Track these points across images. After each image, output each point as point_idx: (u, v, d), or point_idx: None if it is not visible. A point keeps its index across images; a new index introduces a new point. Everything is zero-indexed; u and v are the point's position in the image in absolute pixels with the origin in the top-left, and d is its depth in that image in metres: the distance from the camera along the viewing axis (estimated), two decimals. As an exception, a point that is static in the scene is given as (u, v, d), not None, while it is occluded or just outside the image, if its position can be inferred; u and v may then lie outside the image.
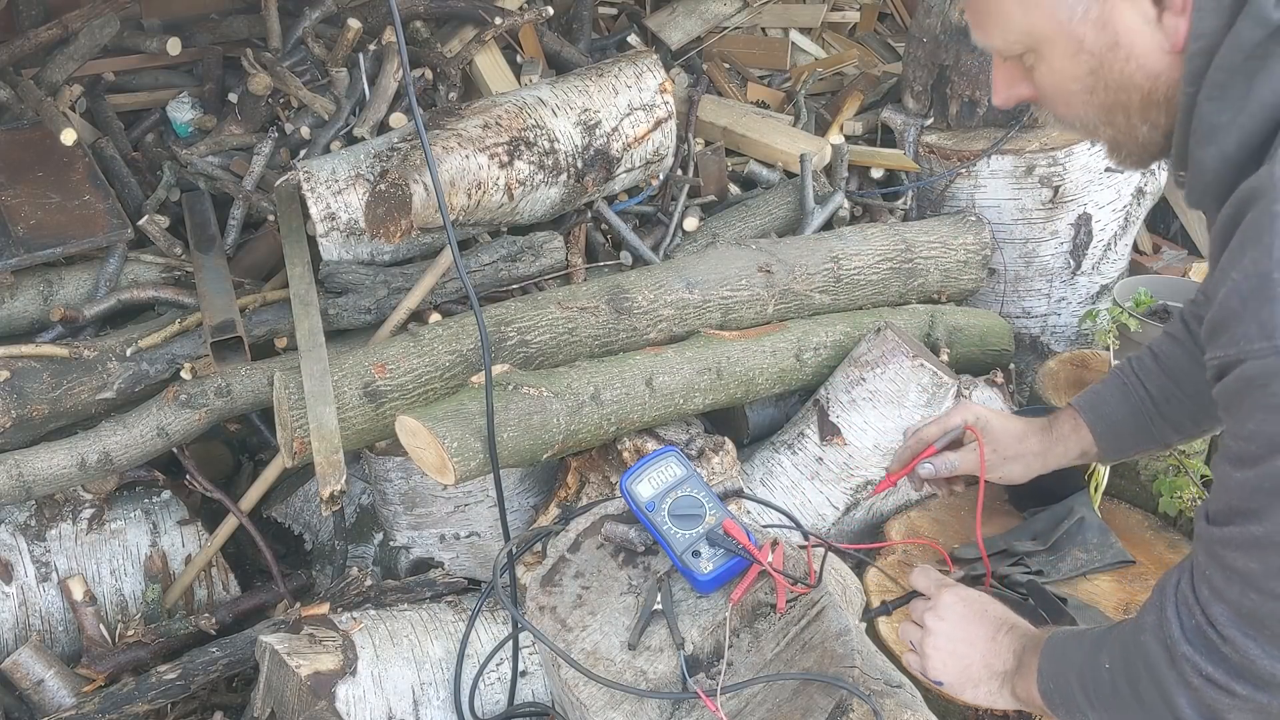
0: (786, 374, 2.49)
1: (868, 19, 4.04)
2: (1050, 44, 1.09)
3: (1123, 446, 1.58)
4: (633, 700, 1.47)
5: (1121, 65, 1.07)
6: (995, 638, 1.32)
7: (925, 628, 1.36)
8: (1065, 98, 1.13)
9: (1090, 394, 1.59)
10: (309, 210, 2.52)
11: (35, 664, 2.17)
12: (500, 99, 2.72)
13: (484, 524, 2.39)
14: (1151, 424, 1.54)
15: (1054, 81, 1.12)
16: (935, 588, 1.39)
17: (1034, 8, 1.07)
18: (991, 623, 1.34)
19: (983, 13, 1.12)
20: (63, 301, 2.55)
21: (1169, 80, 1.06)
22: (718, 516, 1.60)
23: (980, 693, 1.33)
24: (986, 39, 1.15)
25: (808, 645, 1.55)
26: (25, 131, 2.81)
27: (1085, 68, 1.08)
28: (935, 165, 3.08)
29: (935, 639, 1.35)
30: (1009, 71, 1.17)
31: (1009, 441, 1.57)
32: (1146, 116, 1.10)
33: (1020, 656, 1.30)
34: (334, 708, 1.90)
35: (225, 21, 3.21)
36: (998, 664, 1.31)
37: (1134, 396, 1.54)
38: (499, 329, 2.30)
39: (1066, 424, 1.58)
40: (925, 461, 1.57)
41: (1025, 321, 3.15)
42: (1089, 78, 1.09)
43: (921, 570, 1.43)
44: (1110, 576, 2.26)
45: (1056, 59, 1.09)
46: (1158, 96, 1.08)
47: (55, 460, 2.28)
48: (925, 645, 1.36)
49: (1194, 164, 1.06)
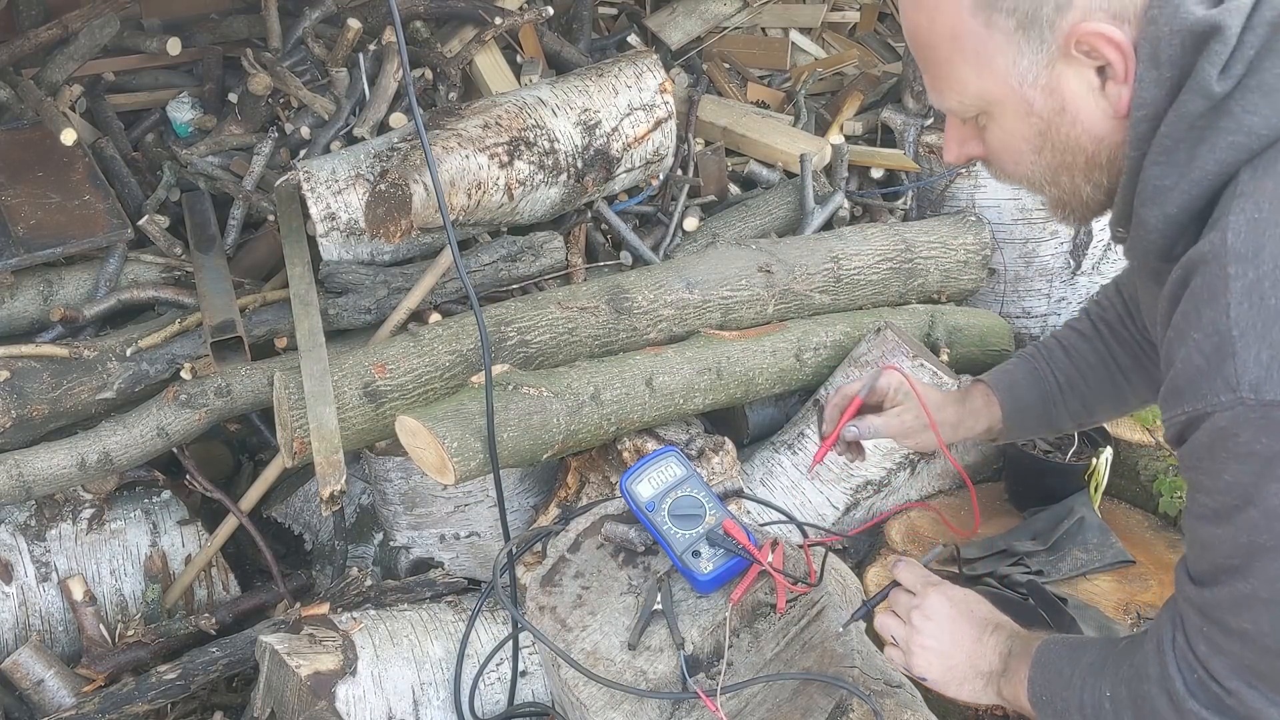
0: (786, 374, 2.49)
1: (868, 19, 4.04)
2: (1001, 107, 1.14)
3: (1025, 428, 1.64)
4: (633, 700, 1.47)
5: (1068, 128, 1.12)
6: (981, 638, 1.34)
7: (911, 625, 1.37)
8: (1015, 156, 1.19)
9: (1003, 374, 1.64)
10: (309, 210, 2.52)
11: (35, 664, 2.17)
12: (500, 99, 2.72)
13: (484, 524, 2.39)
14: (1053, 409, 1.61)
15: (1004, 141, 1.18)
16: (921, 584, 1.39)
17: (987, 73, 1.12)
18: (978, 623, 1.35)
19: (938, 77, 1.17)
20: (63, 301, 2.55)
21: (1112, 143, 1.12)
22: (718, 516, 1.60)
23: (965, 690, 1.34)
24: (942, 101, 1.20)
25: (808, 645, 1.55)
26: (25, 131, 2.81)
27: (1034, 129, 1.14)
28: (935, 165, 3.08)
29: (921, 637, 1.36)
30: (962, 131, 1.23)
31: (929, 409, 1.60)
32: (1090, 177, 1.16)
33: (1007, 659, 1.32)
34: (334, 708, 1.90)
35: (225, 21, 3.21)
36: (983, 664, 1.33)
37: (1044, 383, 1.60)
38: (499, 329, 2.30)
39: (979, 399, 1.62)
40: (850, 424, 1.58)
41: (1025, 321, 3.15)
42: (1038, 139, 1.14)
43: (907, 565, 1.43)
44: (1110, 576, 2.26)
45: (1008, 120, 1.15)
46: (1101, 159, 1.14)
47: (55, 460, 2.28)
48: (911, 643, 1.37)
49: (1137, 222, 1.11)
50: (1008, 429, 1.62)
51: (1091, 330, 1.60)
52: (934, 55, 1.15)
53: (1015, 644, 1.32)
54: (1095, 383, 1.58)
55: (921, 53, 1.17)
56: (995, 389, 1.61)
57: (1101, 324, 1.59)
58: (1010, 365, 1.64)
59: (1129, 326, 1.57)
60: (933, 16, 1.13)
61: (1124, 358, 1.57)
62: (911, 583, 1.40)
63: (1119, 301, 1.58)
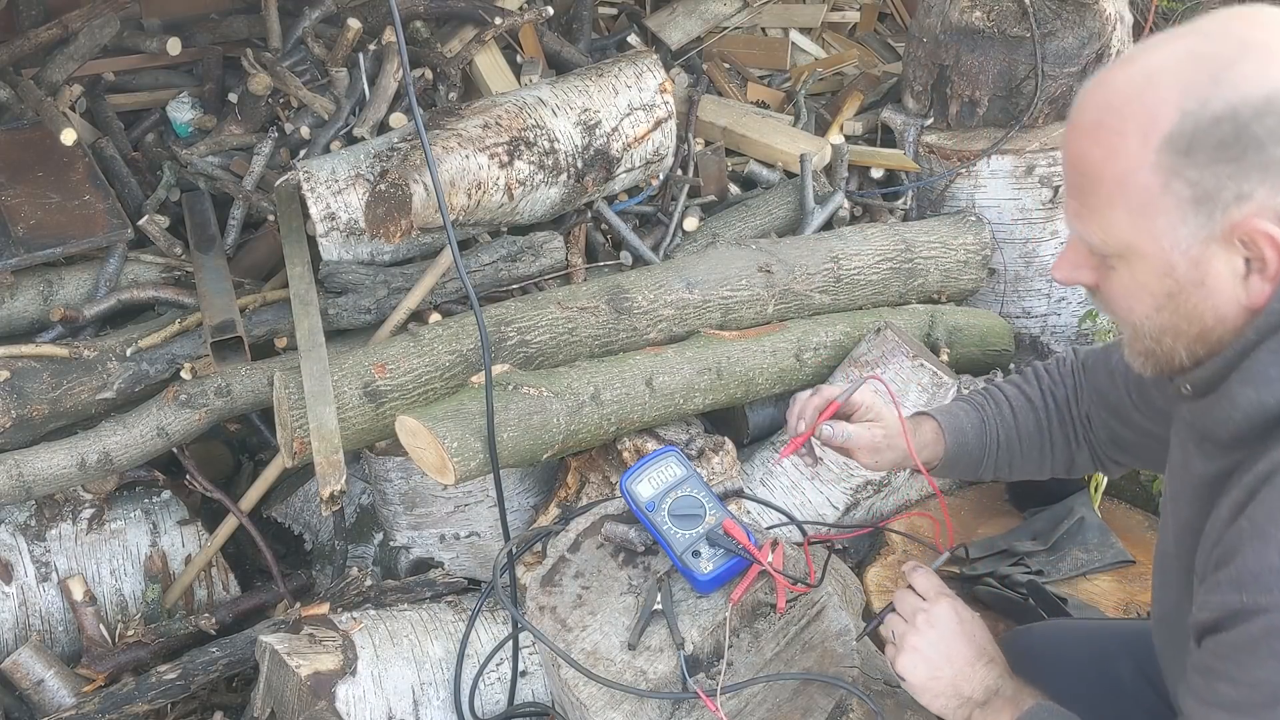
0: (786, 374, 2.49)
1: (868, 19, 4.04)
2: (1143, 259, 1.12)
3: (954, 470, 1.68)
4: (633, 700, 1.47)
5: (1198, 301, 1.11)
6: (975, 663, 1.35)
7: (914, 626, 1.38)
8: (1132, 304, 1.17)
9: (953, 418, 1.66)
10: (309, 210, 2.52)
11: (35, 664, 2.17)
12: (500, 99, 2.72)
13: (484, 524, 2.39)
14: (984, 460, 1.66)
15: (1129, 288, 1.16)
16: (935, 593, 1.40)
17: (1143, 227, 1.09)
18: (976, 648, 1.36)
19: (1090, 208, 1.14)
20: (63, 301, 2.55)
21: (1233, 326, 1.12)
22: (718, 516, 1.60)
23: (938, 704, 1.36)
24: (1083, 230, 1.16)
25: (808, 645, 1.55)
26: (25, 131, 2.81)
27: (1165, 290, 1.12)
28: (935, 165, 3.08)
29: (917, 639, 1.37)
30: (1083, 257, 1.20)
31: (894, 430, 1.62)
32: (1193, 347, 1.15)
33: (991, 695, 1.33)
34: (334, 708, 1.90)
35: (225, 21, 3.21)
36: (966, 689, 1.34)
37: (985, 437, 1.65)
38: (499, 329, 2.30)
39: (929, 434, 1.65)
40: (826, 424, 1.59)
41: (1025, 321, 3.15)
42: (1165, 299, 1.13)
43: (924, 572, 1.43)
44: (1110, 576, 2.27)
45: (1142, 273, 1.13)
46: (1213, 336, 1.13)
47: (55, 460, 2.28)
48: (905, 641, 1.38)
49: (1225, 396, 1.13)
50: (942, 466, 1.67)
51: (1040, 401, 1.66)
52: (1094, 189, 1.12)
53: (1005, 685, 1.33)
54: (1026, 449, 1.65)
55: (1080, 180, 1.14)
56: (946, 430, 1.64)
57: (1050, 398, 1.65)
58: (961, 411, 1.67)
59: (1073, 409, 1.63)
60: (1109, 156, 1.10)
61: (1058, 435, 1.64)
62: (925, 589, 1.41)
63: (1072, 383, 1.65)
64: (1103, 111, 1.10)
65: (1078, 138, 1.13)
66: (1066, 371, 1.67)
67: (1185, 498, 1.26)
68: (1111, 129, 1.09)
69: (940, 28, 3.04)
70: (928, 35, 3.08)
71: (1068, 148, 1.16)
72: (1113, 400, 1.56)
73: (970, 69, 3.02)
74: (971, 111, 3.07)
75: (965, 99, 3.06)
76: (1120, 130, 1.08)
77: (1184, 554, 1.25)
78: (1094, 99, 1.12)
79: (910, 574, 1.44)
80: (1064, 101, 3.01)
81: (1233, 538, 1.08)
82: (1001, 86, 3.02)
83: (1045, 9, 2.97)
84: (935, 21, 3.06)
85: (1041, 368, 1.70)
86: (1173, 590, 1.32)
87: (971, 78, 3.03)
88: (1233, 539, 1.08)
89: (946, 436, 1.64)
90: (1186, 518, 1.25)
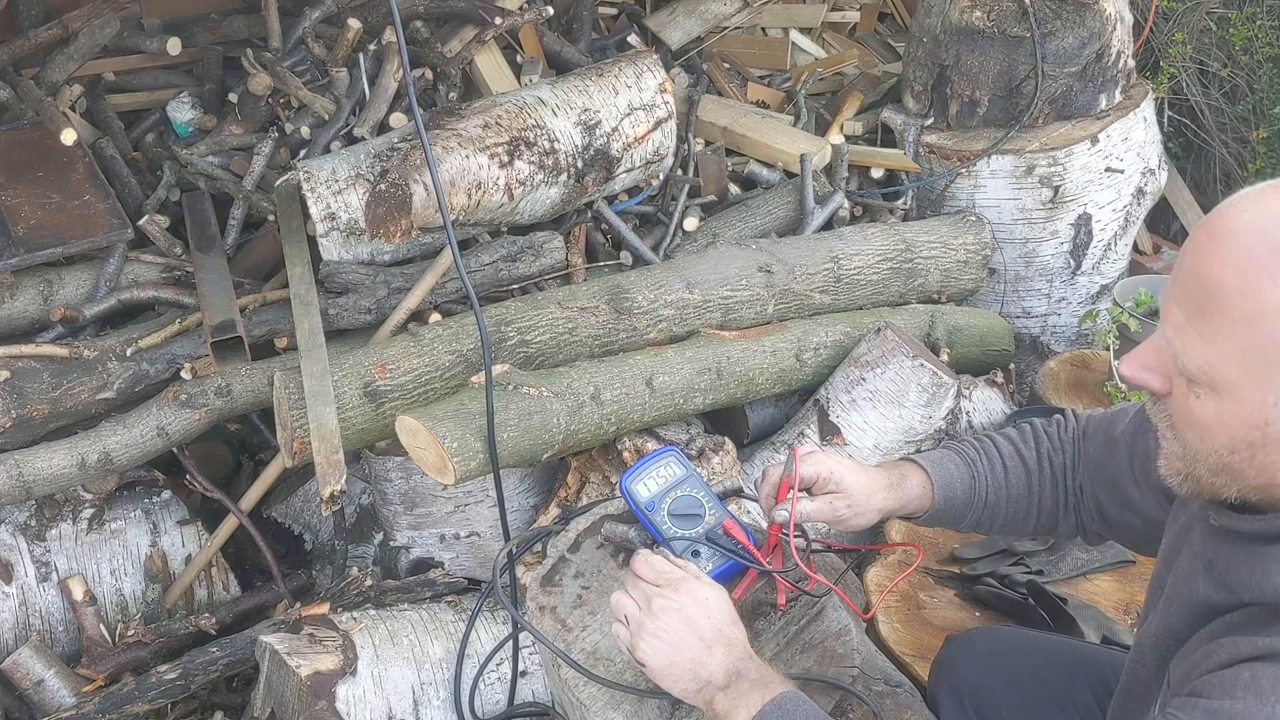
0: (786, 374, 2.49)
1: (868, 19, 4.03)
2: (1239, 403, 1.06)
3: (940, 522, 1.64)
4: (633, 700, 1.47)
5: (1275, 458, 1.07)
6: (712, 646, 1.33)
7: (650, 612, 1.35)
8: (1205, 435, 1.10)
9: (943, 471, 1.61)
10: (309, 210, 2.52)
11: (35, 664, 2.17)
12: (500, 99, 2.72)
13: (484, 524, 2.39)
14: (968, 515, 1.62)
15: (1209, 421, 1.09)
16: (666, 578, 1.37)
17: (1255, 375, 1.03)
18: (713, 630, 1.34)
19: (1205, 332, 1.06)
20: (63, 301, 2.55)
21: None
22: (718, 516, 1.59)
23: (678, 687, 1.34)
24: (1183, 346, 1.08)
25: (808, 645, 1.55)
26: (25, 131, 2.80)
27: (1246, 439, 1.07)
28: (935, 165, 3.08)
29: (656, 625, 1.34)
30: (1163, 365, 1.13)
31: (861, 498, 1.56)
32: (1247, 493, 1.11)
33: (733, 679, 1.31)
34: (334, 708, 1.90)
35: (225, 21, 3.21)
36: (704, 672, 1.32)
37: (973, 493, 1.60)
38: (499, 329, 2.30)
39: (915, 488, 1.60)
40: (779, 508, 1.53)
41: (1025, 321, 3.15)
42: (1243, 446, 1.08)
43: (644, 557, 1.41)
44: (1110, 576, 2.27)
45: (1231, 414, 1.07)
46: (1274, 490, 1.10)
47: (55, 460, 2.28)
48: (644, 629, 1.35)
49: (1273, 559, 1.09)
50: (927, 518, 1.63)
51: (1035, 466, 1.60)
52: (1215, 314, 1.04)
53: (749, 667, 1.32)
54: (1013, 510, 1.60)
55: (1201, 298, 1.05)
56: (936, 485, 1.59)
57: (1047, 463, 1.60)
58: (952, 464, 1.62)
59: (1068, 477, 1.58)
60: (1250, 291, 1.01)
61: (1048, 501, 1.59)
62: (654, 577, 1.38)
63: (1072, 450, 1.59)
64: (1259, 241, 1.01)
65: (1216, 255, 1.04)
66: (1068, 438, 1.61)
67: (1178, 607, 1.23)
68: (1261, 265, 1.01)
69: (940, 28, 3.04)
70: (928, 35, 3.08)
71: (1197, 257, 1.06)
72: (1109, 470, 1.52)
73: (970, 69, 3.02)
74: (971, 111, 3.07)
75: (965, 99, 3.07)
76: (1272, 271, 1.00)
77: (1162, 651, 1.25)
78: (1251, 222, 1.03)
79: (633, 563, 1.41)
80: (1064, 101, 3.01)
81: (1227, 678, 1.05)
82: (1001, 86, 3.02)
83: (1045, 9, 2.97)
84: (935, 21, 3.06)
85: (1041, 428, 1.64)
86: (1143, 670, 1.31)
87: (971, 78, 3.03)
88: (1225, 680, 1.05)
89: (935, 491, 1.59)
90: (1174, 624, 1.23)
